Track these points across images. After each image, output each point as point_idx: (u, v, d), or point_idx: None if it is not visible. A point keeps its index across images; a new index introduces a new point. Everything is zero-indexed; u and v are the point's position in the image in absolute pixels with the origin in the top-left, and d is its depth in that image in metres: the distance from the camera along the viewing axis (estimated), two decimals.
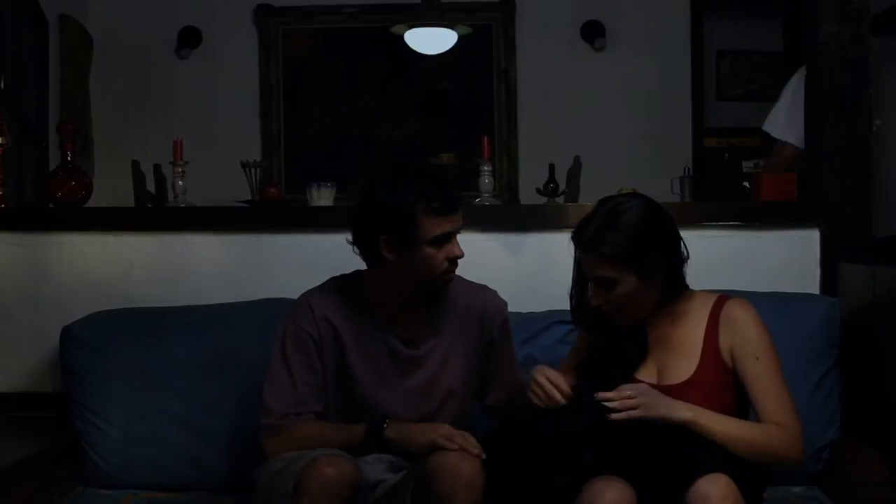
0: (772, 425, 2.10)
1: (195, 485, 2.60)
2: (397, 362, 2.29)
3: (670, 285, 2.18)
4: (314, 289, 2.36)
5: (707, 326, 2.18)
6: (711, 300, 2.21)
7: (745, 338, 2.15)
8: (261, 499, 2.21)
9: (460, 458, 2.04)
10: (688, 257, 2.20)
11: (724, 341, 2.16)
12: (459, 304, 2.34)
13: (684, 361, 2.17)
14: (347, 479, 2.03)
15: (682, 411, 2.06)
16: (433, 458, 2.05)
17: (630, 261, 2.10)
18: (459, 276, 2.34)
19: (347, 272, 2.37)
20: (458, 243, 2.23)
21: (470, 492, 2.00)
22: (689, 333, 2.19)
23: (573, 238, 2.18)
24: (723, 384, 2.15)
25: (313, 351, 2.27)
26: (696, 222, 2.84)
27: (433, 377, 2.30)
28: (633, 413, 2.04)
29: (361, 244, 2.26)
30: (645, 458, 2.06)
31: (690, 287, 2.24)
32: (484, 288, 2.41)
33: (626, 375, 2.17)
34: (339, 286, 2.34)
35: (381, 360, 2.29)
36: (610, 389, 2.09)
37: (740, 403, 2.16)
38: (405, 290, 2.27)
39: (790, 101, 3.54)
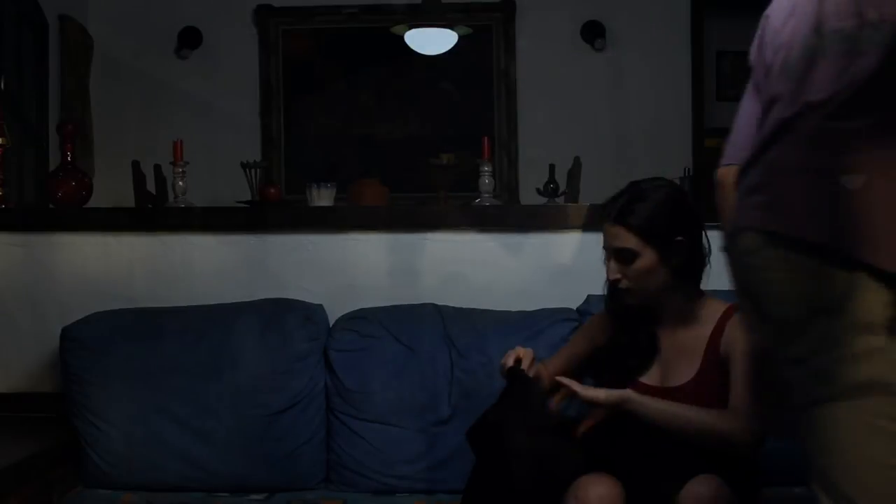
0: (721, 410, 2.07)
1: (194, 485, 2.59)
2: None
3: (687, 275, 2.17)
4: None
5: (713, 332, 2.17)
6: (723, 307, 2.20)
7: (739, 336, 2.13)
8: None
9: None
10: (709, 253, 2.19)
11: (724, 344, 2.15)
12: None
13: (687, 365, 2.17)
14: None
15: (616, 393, 2.08)
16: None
17: (655, 234, 2.11)
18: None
19: None
20: None
21: None
22: (696, 337, 2.18)
23: (601, 211, 2.19)
24: (725, 388, 2.13)
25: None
26: None
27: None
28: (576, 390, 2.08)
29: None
30: (637, 459, 2.06)
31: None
32: None
33: (641, 367, 2.19)
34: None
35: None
36: (625, 380, 2.16)
37: None
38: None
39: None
